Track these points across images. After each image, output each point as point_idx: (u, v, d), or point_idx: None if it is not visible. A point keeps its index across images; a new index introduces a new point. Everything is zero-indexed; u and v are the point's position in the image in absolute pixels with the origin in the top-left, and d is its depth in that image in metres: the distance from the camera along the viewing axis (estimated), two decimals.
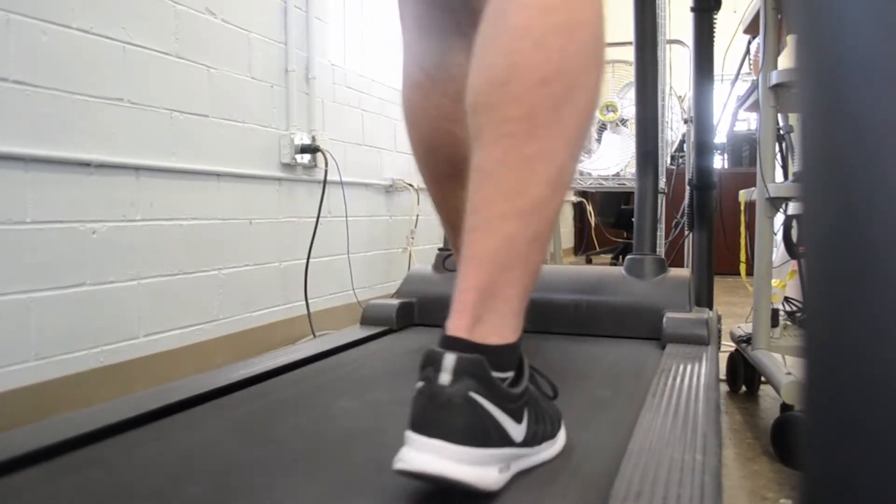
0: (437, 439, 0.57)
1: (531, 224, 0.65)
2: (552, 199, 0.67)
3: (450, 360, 0.59)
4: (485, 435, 0.59)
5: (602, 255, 6.08)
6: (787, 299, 2.05)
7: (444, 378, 0.58)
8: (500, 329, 0.63)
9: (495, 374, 0.60)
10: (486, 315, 0.63)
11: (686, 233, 2.53)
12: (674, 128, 4.02)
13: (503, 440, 0.61)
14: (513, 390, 0.63)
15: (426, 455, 0.58)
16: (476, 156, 0.67)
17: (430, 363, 0.60)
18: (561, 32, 0.66)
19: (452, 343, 0.61)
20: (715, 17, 2.07)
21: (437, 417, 0.58)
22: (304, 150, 2.56)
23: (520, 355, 0.66)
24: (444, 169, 1.03)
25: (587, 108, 0.69)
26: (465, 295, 0.63)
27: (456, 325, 0.62)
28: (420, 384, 0.60)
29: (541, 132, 0.65)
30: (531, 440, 0.65)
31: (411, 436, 0.59)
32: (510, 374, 0.64)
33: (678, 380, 0.98)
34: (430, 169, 1.07)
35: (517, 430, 0.63)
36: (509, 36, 0.67)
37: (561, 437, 0.74)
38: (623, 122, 3.05)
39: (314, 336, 2.50)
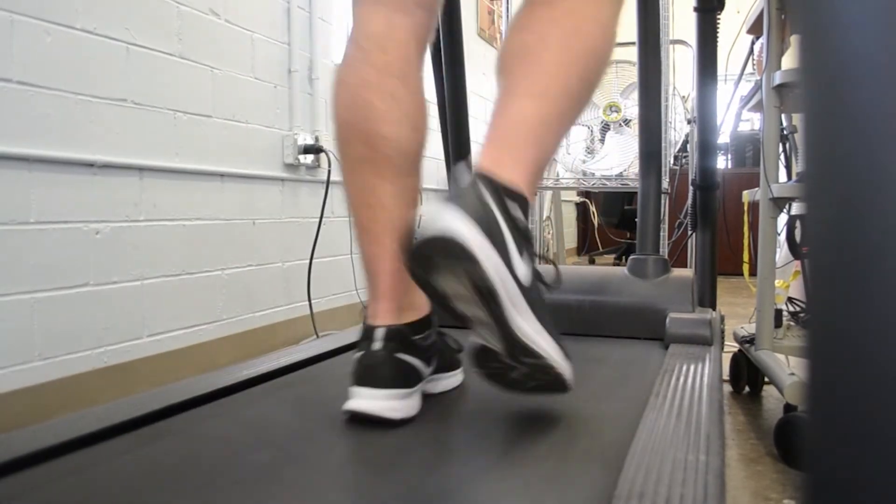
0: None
1: (542, 107, 0.81)
2: (567, 88, 0.82)
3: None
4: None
5: (605, 256, 6.07)
6: (790, 300, 2.05)
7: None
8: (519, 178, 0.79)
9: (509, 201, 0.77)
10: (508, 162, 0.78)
11: (689, 233, 2.53)
12: (677, 128, 4.01)
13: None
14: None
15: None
16: (501, 80, 0.85)
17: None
18: None
19: (482, 178, 0.76)
20: (718, 17, 2.07)
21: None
22: (307, 150, 2.57)
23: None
24: (361, 152, 0.91)
25: (595, 46, 0.84)
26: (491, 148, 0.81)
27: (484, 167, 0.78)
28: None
29: (551, 52, 0.82)
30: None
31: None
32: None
33: (681, 380, 0.97)
34: (346, 150, 0.94)
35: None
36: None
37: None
38: (626, 122, 3.05)
39: (317, 336, 2.50)
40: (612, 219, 5.45)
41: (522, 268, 0.74)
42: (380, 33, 0.92)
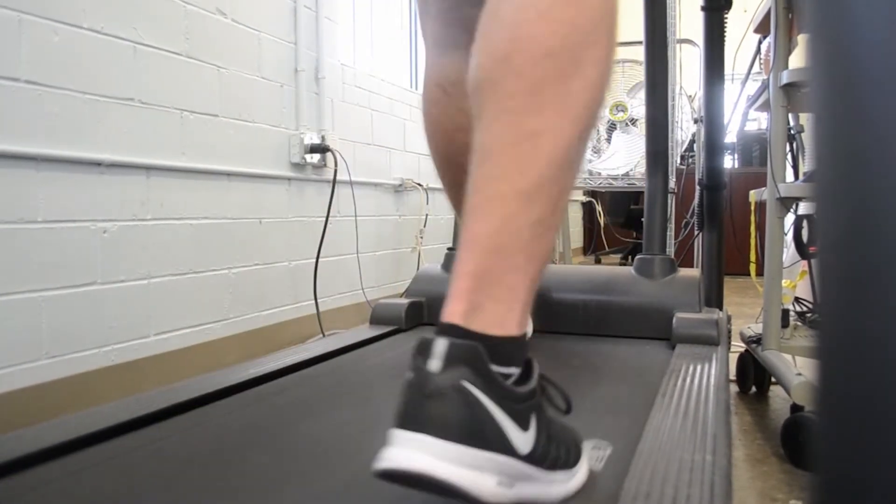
0: (424, 434, 0.50)
1: (534, 206, 0.59)
2: (558, 179, 0.60)
3: (441, 345, 0.52)
4: (480, 434, 0.51)
5: (611, 256, 6.06)
6: (797, 300, 2.04)
7: (434, 365, 0.51)
8: (502, 319, 0.56)
9: (495, 368, 0.53)
10: (485, 303, 0.56)
11: (696, 233, 2.52)
12: (684, 127, 4.00)
13: (503, 446, 0.53)
14: (516, 389, 0.54)
15: (410, 451, 0.50)
16: (476, 135, 0.62)
17: (422, 351, 0.53)
18: (568, 3, 0.61)
19: (447, 329, 0.54)
20: (725, 16, 2.06)
21: (424, 410, 0.50)
22: (313, 149, 2.57)
23: (528, 355, 0.59)
24: (460, 178, 0.71)
25: (597, 83, 0.63)
26: (461, 280, 0.57)
27: (451, 312, 0.56)
28: (409, 375, 0.52)
29: (546, 108, 0.60)
30: (540, 459, 0.56)
31: (396, 432, 0.51)
32: (514, 371, 0.56)
33: (688, 380, 0.97)
34: (448, 177, 1.12)
35: (521, 439, 0.54)
36: (514, 8, 0.61)
37: (581, 472, 0.63)
38: (633, 121, 3.04)
39: (323, 335, 2.50)
40: (618, 218, 5.44)
41: (524, 440, 0.55)
42: (461, 80, 0.77)
